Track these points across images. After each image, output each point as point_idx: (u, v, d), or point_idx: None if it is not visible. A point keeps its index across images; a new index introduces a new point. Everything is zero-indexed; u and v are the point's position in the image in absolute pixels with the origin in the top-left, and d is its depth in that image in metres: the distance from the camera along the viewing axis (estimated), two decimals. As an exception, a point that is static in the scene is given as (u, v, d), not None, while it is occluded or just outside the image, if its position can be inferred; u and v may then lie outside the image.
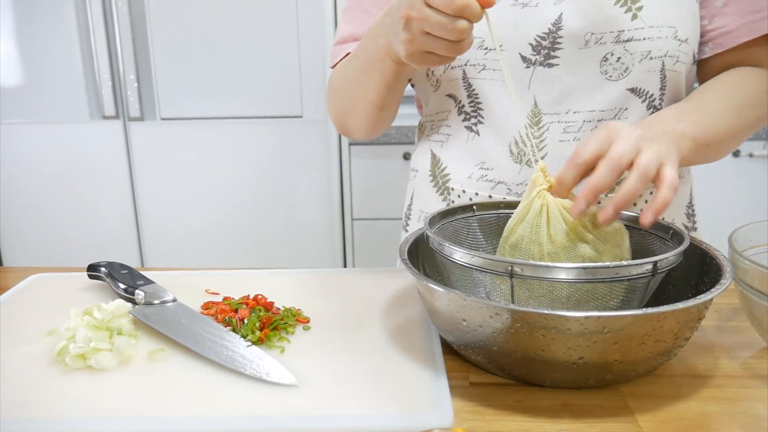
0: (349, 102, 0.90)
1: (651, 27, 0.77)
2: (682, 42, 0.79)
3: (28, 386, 0.58)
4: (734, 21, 0.80)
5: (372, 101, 0.86)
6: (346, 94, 0.90)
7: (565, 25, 0.77)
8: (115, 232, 2.25)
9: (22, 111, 2.13)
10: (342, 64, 0.90)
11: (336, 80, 0.92)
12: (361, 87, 0.85)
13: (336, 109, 0.95)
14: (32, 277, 0.85)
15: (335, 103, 0.94)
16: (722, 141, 0.77)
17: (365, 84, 0.84)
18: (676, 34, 0.78)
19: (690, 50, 0.81)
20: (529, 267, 0.56)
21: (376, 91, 0.84)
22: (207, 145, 2.15)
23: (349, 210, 2.17)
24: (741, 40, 0.80)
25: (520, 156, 0.83)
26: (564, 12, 0.78)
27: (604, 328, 0.51)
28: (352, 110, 0.91)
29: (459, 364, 0.63)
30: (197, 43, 2.05)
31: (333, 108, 0.96)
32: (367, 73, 0.82)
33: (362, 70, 0.83)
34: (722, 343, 0.67)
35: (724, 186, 2.13)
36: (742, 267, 0.61)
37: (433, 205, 0.95)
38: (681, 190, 0.92)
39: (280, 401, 0.54)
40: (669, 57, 0.79)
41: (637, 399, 0.56)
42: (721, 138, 0.76)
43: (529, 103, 0.81)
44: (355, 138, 0.98)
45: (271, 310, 0.71)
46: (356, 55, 0.85)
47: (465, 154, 0.88)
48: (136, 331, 0.66)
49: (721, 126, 0.76)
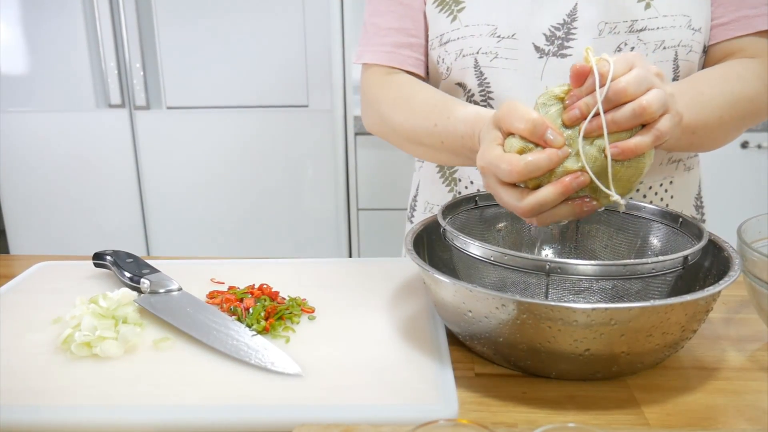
0: (401, 142, 0.87)
1: (665, 16, 0.76)
2: (695, 31, 0.78)
3: (34, 374, 0.58)
4: (729, 13, 0.79)
5: (425, 156, 0.85)
6: (399, 134, 0.85)
7: (580, 15, 0.77)
8: (121, 220, 2.25)
9: (27, 99, 2.13)
10: (409, 116, 0.83)
11: (393, 123, 0.85)
12: (422, 146, 0.82)
13: (378, 131, 0.91)
14: (38, 265, 0.85)
15: (379, 127, 0.90)
16: (711, 130, 0.75)
17: (428, 148, 0.81)
18: (690, 23, 0.77)
19: (702, 40, 0.80)
20: (564, 265, 0.56)
21: (435, 158, 0.84)
22: (213, 134, 2.15)
23: (354, 200, 2.17)
24: (733, 35, 0.79)
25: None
26: (579, 2, 0.77)
27: (611, 320, 0.51)
28: (401, 145, 0.88)
29: (464, 355, 0.62)
30: (203, 32, 2.04)
31: (374, 127, 0.91)
32: (437, 149, 0.79)
33: (433, 145, 0.80)
34: (730, 335, 0.66)
35: (732, 177, 2.12)
36: (750, 258, 0.61)
37: (439, 196, 0.94)
38: (689, 182, 0.91)
39: (285, 391, 0.54)
40: (682, 47, 0.78)
41: (644, 391, 0.56)
42: (711, 127, 0.74)
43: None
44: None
45: (276, 299, 0.71)
46: (432, 121, 0.79)
47: None
48: (141, 320, 0.66)
49: (712, 114, 0.73)
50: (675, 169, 0.88)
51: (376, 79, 0.89)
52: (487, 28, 0.80)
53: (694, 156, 0.92)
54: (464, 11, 0.82)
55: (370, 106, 0.90)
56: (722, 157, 2.10)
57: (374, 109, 0.89)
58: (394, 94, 0.86)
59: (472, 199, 0.75)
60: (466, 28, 0.82)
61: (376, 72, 0.89)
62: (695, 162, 0.92)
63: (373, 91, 0.89)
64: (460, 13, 0.82)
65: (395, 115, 0.84)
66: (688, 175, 0.90)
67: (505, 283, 0.62)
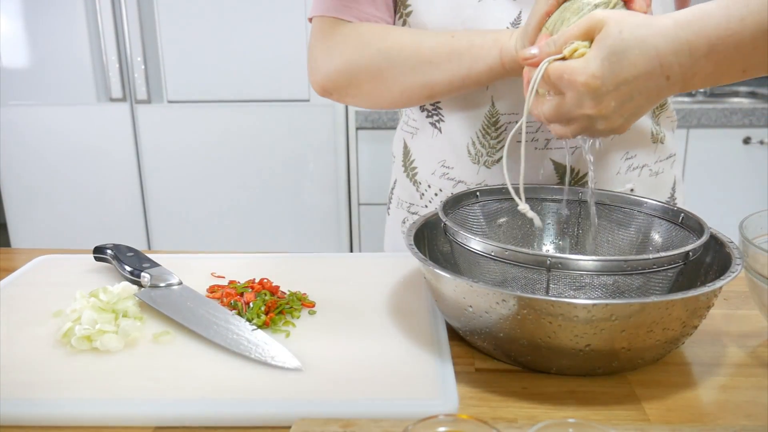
0: (399, 73, 0.76)
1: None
2: None
3: (34, 367, 0.58)
4: None
5: (429, 86, 0.76)
6: (403, 63, 0.76)
7: (524, 22, 0.72)
8: (122, 214, 2.25)
9: (29, 93, 2.13)
10: (408, 32, 0.77)
11: (385, 43, 0.76)
12: (435, 66, 0.74)
13: (353, 70, 0.79)
14: (39, 259, 0.85)
15: (358, 62, 0.78)
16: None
17: (442, 65, 0.73)
18: None
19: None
20: (565, 260, 0.56)
21: (449, 78, 0.74)
22: (214, 128, 2.15)
23: (355, 195, 2.17)
24: None
25: (477, 157, 0.82)
26: (523, 9, 0.74)
27: (612, 316, 0.51)
28: (391, 82, 0.77)
29: (464, 350, 0.62)
30: (205, 26, 2.04)
31: (347, 67, 0.79)
32: (459, 55, 0.72)
33: (454, 50, 0.72)
34: (730, 331, 0.66)
35: (734, 173, 2.12)
36: (752, 254, 0.61)
37: (407, 194, 0.93)
38: (657, 187, 0.86)
39: (285, 385, 0.54)
40: None
41: (644, 387, 0.56)
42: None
43: (487, 104, 0.79)
44: (352, 104, 0.86)
45: (276, 294, 0.71)
46: (450, 34, 0.73)
47: (429, 150, 0.87)
48: (141, 314, 0.66)
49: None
50: (638, 176, 0.83)
51: (340, 24, 0.80)
52: None
53: (666, 158, 0.87)
54: (412, 15, 0.80)
55: (333, 47, 0.80)
56: (725, 153, 2.10)
57: (347, 44, 0.79)
58: (378, 26, 0.79)
59: (473, 194, 0.75)
60: None
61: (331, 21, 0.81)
62: (665, 165, 0.87)
63: (337, 31, 0.80)
64: (409, 17, 0.80)
65: (387, 33, 0.77)
66: (655, 180, 0.85)
67: (506, 278, 0.62)
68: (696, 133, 2.08)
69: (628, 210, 0.72)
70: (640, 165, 0.84)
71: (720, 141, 2.08)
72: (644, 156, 0.84)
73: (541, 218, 0.75)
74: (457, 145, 0.83)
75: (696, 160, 2.10)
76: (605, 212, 0.73)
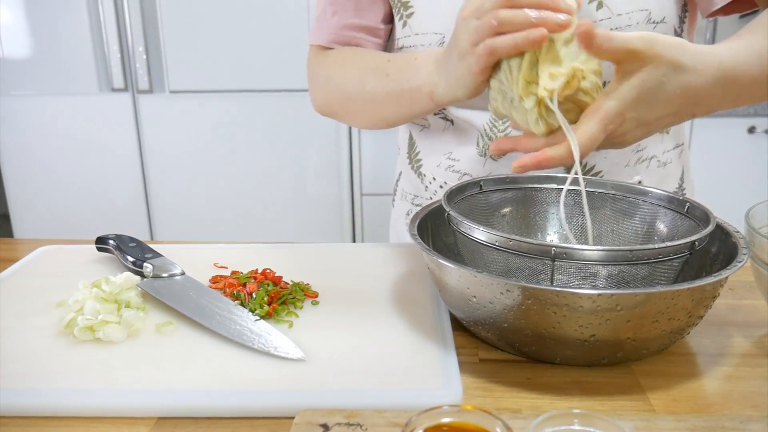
0: (358, 108, 0.83)
1: (620, 15, 0.72)
2: (657, 23, 0.73)
3: (36, 358, 0.58)
4: None
5: (385, 120, 0.81)
6: (356, 100, 0.82)
7: None
8: (124, 204, 2.25)
9: (30, 83, 2.13)
10: (356, 68, 0.82)
11: (340, 78, 0.83)
12: (380, 105, 0.79)
13: (331, 101, 0.88)
14: (41, 249, 0.85)
15: (331, 95, 0.87)
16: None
17: (386, 105, 0.78)
18: (649, 16, 0.73)
19: (669, 29, 0.75)
20: (570, 250, 0.55)
21: (396, 117, 0.79)
22: (216, 118, 2.14)
23: (358, 185, 2.17)
24: (717, 6, 0.74)
25: (484, 150, 0.81)
26: None
27: (617, 306, 0.51)
28: (356, 115, 0.85)
29: (468, 341, 0.62)
30: (206, 15, 2.03)
31: (326, 99, 0.88)
32: (396, 99, 0.76)
33: (390, 94, 0.77)
34: (736, 321, 0.66)
35: (740, 163, 2.11)
36: (758, 244, 0.60)
37: (412, 186, 0.93)
38: (665, 177, 0.87)
39: (288, 376, 0.54)
40: None
41: (649, 377, 0.55)
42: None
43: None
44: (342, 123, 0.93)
45: (279, 284, 0.71)
46: (385, 71, 0.77)
47: (436, 143, 0.86)
48: (144, 304, 0.66)
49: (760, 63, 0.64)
50: (646, 167, 0.84)
51: (321, 53, 0.88)
52: (435, 37, 0.78)
53: (673, 148, 0.87)
54: (413, 17, 0.80)
55: (316, 77, 0.88)
56: (729, 143, 2.09)
57: (321, 76, 0.87)
58: (340, 56, 0.85)
59: (477, 183, 0.74)
60: (416, 36, 0.80)
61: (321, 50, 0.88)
62: (673, 155, 0.87)
63: (318, 62, 0.88)
64: (410, 19, 0.80)
65: (341, 69, 0.83)
66: (663, 171, 0.86)
67: (510, 268, 0.62)
68: (700, 122, 2.07)
69: (633, 200, 0.71)
70: (648, 156, 0.84)
71: (724, 130, 2.07)
72: (652, 147, 0.84)
73: (545, 208, 0.74)
74: (466, 136, 0.82)
75: (701, 149, 2.09)
76: (610, 202, 0.73)
